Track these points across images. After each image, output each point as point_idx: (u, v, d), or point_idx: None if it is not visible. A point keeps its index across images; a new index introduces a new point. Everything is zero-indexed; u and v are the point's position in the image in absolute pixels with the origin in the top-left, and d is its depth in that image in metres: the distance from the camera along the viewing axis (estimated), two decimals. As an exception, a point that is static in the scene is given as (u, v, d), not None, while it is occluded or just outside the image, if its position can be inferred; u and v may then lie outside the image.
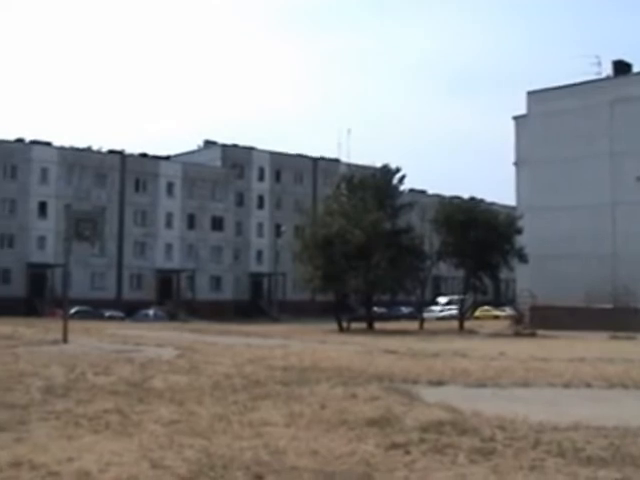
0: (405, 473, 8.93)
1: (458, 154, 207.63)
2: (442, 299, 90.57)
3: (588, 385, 17.83)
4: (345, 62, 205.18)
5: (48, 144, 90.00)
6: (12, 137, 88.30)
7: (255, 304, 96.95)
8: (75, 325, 35.01)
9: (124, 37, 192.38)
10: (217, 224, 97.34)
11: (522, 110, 64.53)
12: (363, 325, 58.87)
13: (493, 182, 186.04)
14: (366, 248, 55.92)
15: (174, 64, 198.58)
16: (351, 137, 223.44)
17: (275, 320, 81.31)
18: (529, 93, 61.83)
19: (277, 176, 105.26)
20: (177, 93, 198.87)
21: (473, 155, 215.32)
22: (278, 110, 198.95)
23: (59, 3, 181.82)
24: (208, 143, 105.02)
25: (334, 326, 56.23)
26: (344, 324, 56.92)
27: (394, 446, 10.31)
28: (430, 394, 15.70)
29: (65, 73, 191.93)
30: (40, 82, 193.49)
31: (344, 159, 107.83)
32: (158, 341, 31.22)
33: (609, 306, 55.16)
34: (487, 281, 63.29)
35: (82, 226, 30.81)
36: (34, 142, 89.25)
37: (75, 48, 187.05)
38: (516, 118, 72.42)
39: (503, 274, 66.54)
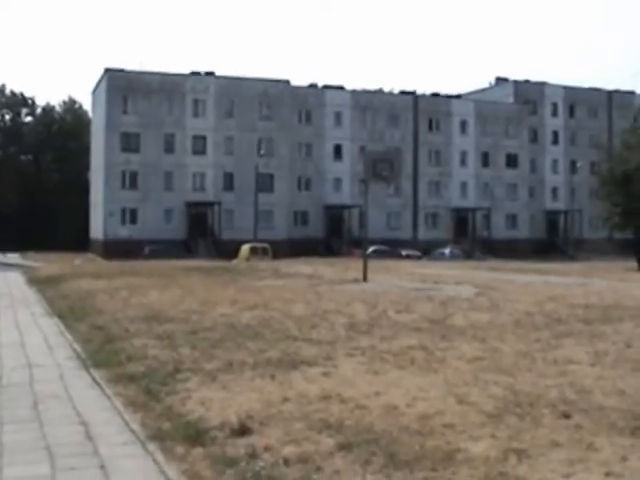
0: None
1: None
2: None
3: None
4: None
5: (341, 88, 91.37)
6: (305, 83, 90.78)
7: (551, 242, 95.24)
8: (373, 264, 35.66)
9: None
10: (512, 161, 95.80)
11: None
12: (664, 263, 56.65)
13: None
14: (668, 183, 53.59)
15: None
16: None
17: (571, 258, 79.58)
18: None
19: (571, 111, 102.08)
20: (464, 32, 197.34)
21: None
22: (565, 43, 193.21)
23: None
24: (500, 80, 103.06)
25: (634, 264, 54.37)
26: (644, 262, 54.93)
27: None
28: None
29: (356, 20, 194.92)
30: (324, 27, 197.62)
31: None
32: (456, 279, 31.30)
33: None
34: None
35: (379, 167, 31.15)
36: (327, 87, 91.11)
37: None
38: None
39: None
